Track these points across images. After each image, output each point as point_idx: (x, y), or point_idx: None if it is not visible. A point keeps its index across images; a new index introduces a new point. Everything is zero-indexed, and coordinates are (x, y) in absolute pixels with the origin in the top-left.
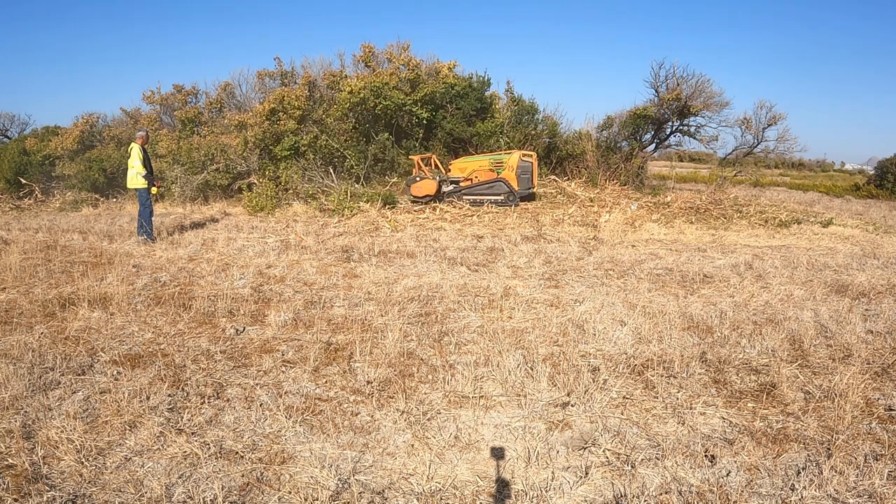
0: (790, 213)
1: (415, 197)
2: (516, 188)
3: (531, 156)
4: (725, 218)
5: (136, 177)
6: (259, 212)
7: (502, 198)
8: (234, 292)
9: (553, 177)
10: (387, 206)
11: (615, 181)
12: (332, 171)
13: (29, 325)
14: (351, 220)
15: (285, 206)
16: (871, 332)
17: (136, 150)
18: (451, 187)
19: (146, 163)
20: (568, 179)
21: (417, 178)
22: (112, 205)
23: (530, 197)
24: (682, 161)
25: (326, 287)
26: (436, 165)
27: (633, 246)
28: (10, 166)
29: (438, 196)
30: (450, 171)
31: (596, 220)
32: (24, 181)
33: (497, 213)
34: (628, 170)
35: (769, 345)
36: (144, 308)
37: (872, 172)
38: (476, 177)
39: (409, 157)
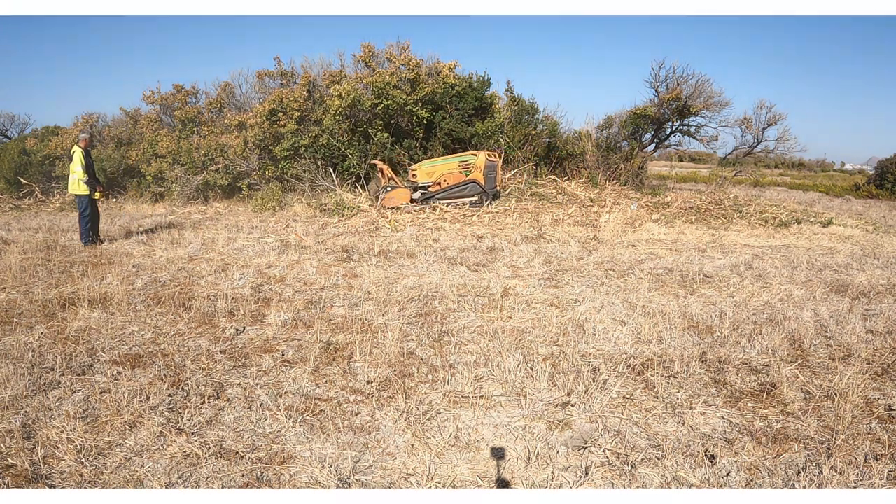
0: (790, 213)
1: (388, 209)
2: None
3: (495, 155)
4: (725, 218)
5: (77, 182)
6: (266, 212)
7: (476, 198)
8: (234, 292)
9: (553, 177)
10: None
11: (615, 181)
12: (332, 170)
13: (29, 325)
14: (351, 220)
15: (285, 206)
16: (871, 332)
17: (77, 155)
18: (418, 193)
19: (89, 168)
20: (568, 179)
21: (389, 188)
22: (112, 204)
23: (496, 196)
24: (682, 161)
25: (326, 287)
26: (383, 172)
27: (633, 246)
28: (10, 166)
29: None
30: (416, 175)
31: (596, 219)
32: (24, 181)
33: (497, 213)
34: (628, 170)
35: (769, 345)
36: (144, 308)
37: (872, 172)
38: (445, 180)
39: (370, 163)
